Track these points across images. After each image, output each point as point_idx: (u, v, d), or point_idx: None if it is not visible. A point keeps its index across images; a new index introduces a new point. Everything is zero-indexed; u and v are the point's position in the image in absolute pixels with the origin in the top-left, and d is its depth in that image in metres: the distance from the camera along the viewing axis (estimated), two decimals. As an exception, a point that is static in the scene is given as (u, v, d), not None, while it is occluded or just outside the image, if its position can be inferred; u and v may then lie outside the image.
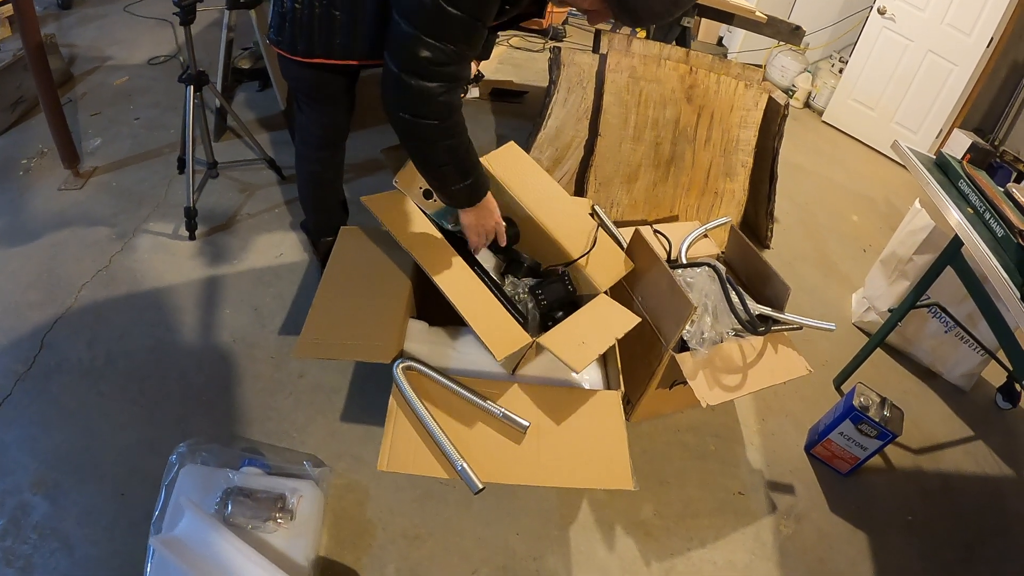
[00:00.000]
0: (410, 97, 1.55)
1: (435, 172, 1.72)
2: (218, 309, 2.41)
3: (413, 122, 1.59)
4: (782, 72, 5.37)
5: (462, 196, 1.79)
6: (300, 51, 1.84)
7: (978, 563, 2.20)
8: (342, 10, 1.75)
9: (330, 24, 1.77)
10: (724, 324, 2.02)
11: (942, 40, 4.39)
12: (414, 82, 1.52)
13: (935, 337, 2.81)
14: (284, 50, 1.87)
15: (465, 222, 1.87)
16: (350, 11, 1.75)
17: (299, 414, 2.12)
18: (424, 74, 1.52)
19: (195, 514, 1.56)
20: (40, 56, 2.61)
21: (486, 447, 1.59)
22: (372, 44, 1.81)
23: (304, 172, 2.29)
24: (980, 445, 2.63)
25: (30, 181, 2.83)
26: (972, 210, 2.11)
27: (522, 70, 4.52)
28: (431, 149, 1.66)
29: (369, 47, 1.82)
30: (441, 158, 1.67)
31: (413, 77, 1.52)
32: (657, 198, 2.92)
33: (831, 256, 3.50)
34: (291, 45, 1.84)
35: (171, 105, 3.40)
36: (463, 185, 1.74)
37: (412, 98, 1.55)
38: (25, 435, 1.94)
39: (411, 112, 1.58)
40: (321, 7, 1.75)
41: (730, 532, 2.09)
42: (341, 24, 1.77)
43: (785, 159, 3.33)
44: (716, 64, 2.92)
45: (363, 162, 3.23)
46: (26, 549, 1.69)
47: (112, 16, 4.32)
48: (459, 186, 1.74)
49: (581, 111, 2.79)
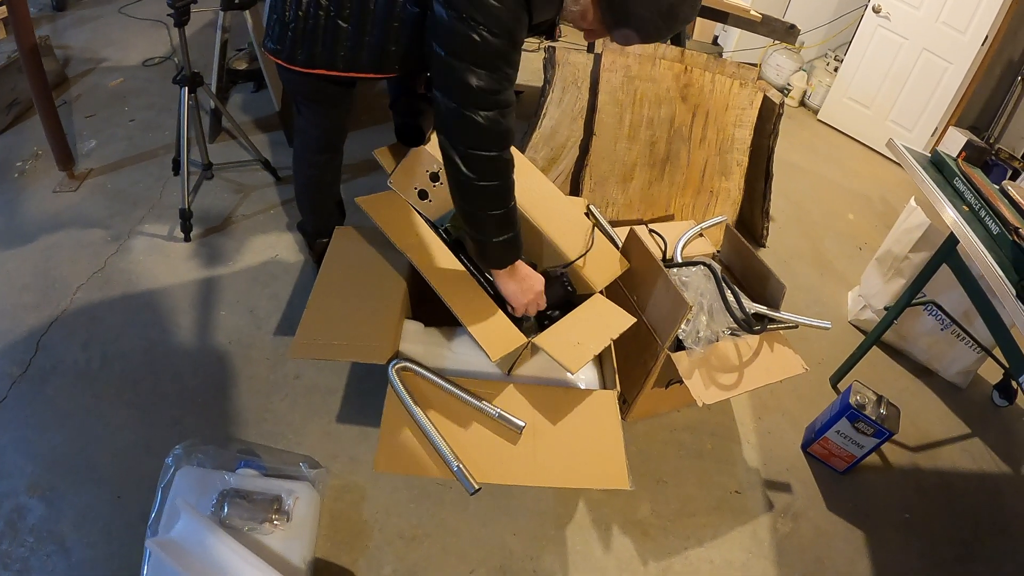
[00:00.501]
0: (468, 128, 1.53)
1: (483, 215, 1.64)
2: (213, 310, 2.40)
3: (471, 155, 1.56)
4: (777, 71, 5.37)
5: (499, 252, 1.70)
6: (300, 61, 1.80)
7: (976, 560, 2.20)
8: (350, 21, 1.71)
9: (335, 35, 1.73)
10: (720, 323, 2.02)
11: (937, 38, 4.39)
12: (469, 113, 1.50)
13: (931, 335, 2.81)
14: (282, 60, 1.83)
15: (508, 292, 1.79)
16: (358, 22, 1.71)
17: (295, 415, 2.12)
18: (482, 104, 1.50)
19: (191, 516, 1.56)
20: (35, 58, 2.61)
21: (482, 448, 1.59)
22: (377, 58, 1.78)
23: (303, 175, 2.29)
24: (977, 442, 2.63)
25: (25, 183, 2.83)
26: (967, 207, 2.12)
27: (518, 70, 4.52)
28: (485, 187, 1.60)
29: (374, 61, 1.78)
30: (493, 199, 1.62)
31: (472, 109, 1.50)
32: (652, 197, 2.92)
33: (827, 254, 3.50)
34: (290, 55, 1.80)
35: (166, 106, 3.40)
36: (505, 238, 1.67)
37: (470, 129, 1.53)
38: (21, 438, 1.94)
39: (472, 145, 1.55)
40: (328, 17, 1.71)
41: (727, 531, 2.09)
42: (347, 35, 1.73)
43: (780, 157, 3.33)
44: (711, 63, 2.92)
45: (359, 162, 3.23)
46: (23, 552, 1.69)
47: (107, 17, 4.31)
48: (502, 238, 1.67)
49: (576, 110, 2.79)
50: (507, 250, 1.70)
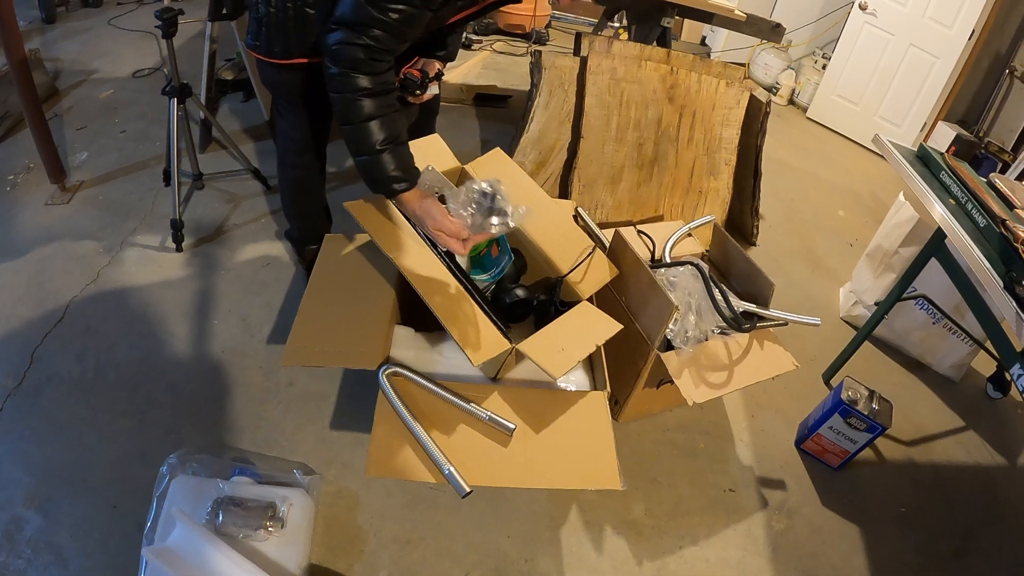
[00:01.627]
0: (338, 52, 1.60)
1: (348, 133, 1.67)
2: (206, 319, 2.41)
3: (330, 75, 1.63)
4: (765, 70, 5.40)
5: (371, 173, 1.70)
6: (277, 53, 1.86)
7: (972, 553, 2.21)
8: (316, 7, 1.77)
9: (304, 22, 1.79)
10: (708, 322, 2.03)
11: (924, 33, 4.42)
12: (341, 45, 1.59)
13: (923, 329, 2.82)
14: (261, 54, 1.89)
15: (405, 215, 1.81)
16: (323, 7, 1.76)
17: (288, 422, 2.12)
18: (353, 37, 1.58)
19: (186, 524, 1.57)
20: (24, 71, 2.61)
21: (473, 451, 1.59)
22: None
23: (286, 178, 2.30)
24: (971, 435, 2.64)
25: (17, 196, 2.83)
26: (954, 201, 2.13)
27: (505, 74, 4.52)
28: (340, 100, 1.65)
29: None
30: (346, 112, 1.65)
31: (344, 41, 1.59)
32: (641, 198, 2.94)
33: (817, 251, 3.52)
34: (268, 48, 1.86)
35: (156, 117, 3.41)
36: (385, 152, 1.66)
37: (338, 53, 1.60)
38: (17, 450, 1.94)
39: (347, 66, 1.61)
40: (295, 7, 1.77)
41: (722, 529, 2.10)
42: (315, 21, 1.79)
43: (770, 156, 3.35)
44: (697, 63, 2.94)
45: (347, 170, 3.24)
46: (20, 564, 1.70)
47: (96, 29, 4.32)
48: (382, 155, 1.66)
49: (563, 114, 2.80)
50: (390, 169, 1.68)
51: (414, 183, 1.71)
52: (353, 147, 1.68)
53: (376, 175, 1.68)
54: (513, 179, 2.13)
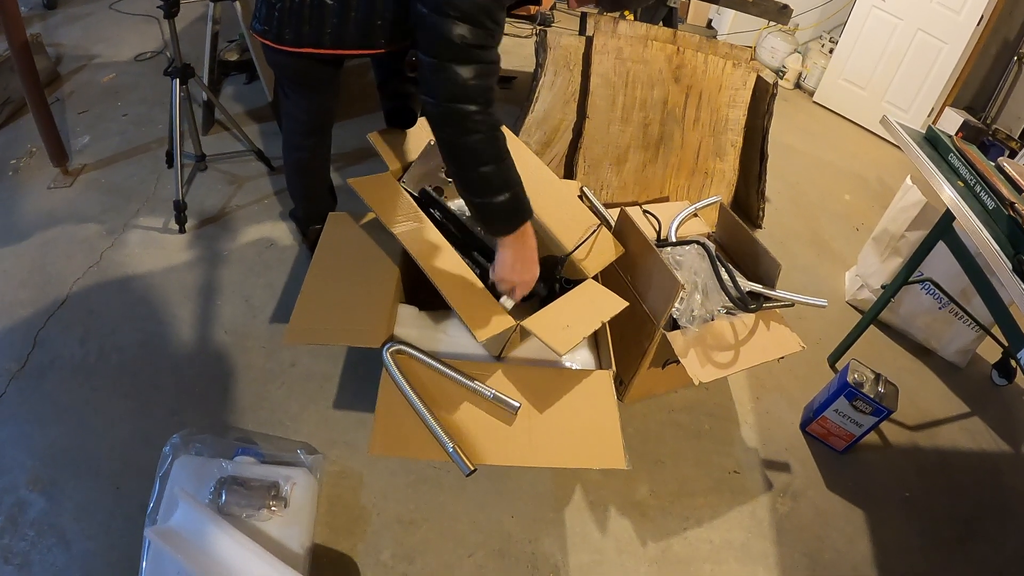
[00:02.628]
0: (448, 82, 1.50)
1: (474, 175, 1.59)
2: (209, 301, 2.40)
3: (451, 109, 1.52)
4: (772, 53, 5.35)
5: (502, 213, 1.65)
6: (287, 40, 1.81)
7: (976, 538, 2.20)
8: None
9: (321, 12, 1.74)
10: (714, 302, 2.02)
11: (932, 18, 4.37)
12: (451, 66, 1.48)
13: (929, 313, 2.81)
14: (269, 40, 1.84)
15: (502, 262, 1.72)
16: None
17: (292, 402, 2.12)
18: (461, 58, 1.48)
19: (190, 504, 1.56)
20: (26, 56, 2.60)
21: (477, 429, 1.59)
22: (364, 33, 1.78)
23: (291, 159, 2.29)
24: (976, 421, 2.63)
25: (19, 180, 2.82)
26: (963, 183, 2.11)
27: (510, 56, 4.48)
28: (469, 142, 1.56)
29: (360, 36, 1.78)
30: (481, 155, 1.57)
31: (449, 62, 1.48)
32: (647, 179, 2.92)
33: (823, 235, 3.50)
34: (277, 35, 1.81)
35: (159, 100, 3.39)
36: (504, 198, 1.61)
37: (449, 83, 1.50)
38: (20, 433, 1.94)
39: (451, 98, 1.51)
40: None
41: (726, 511, 2.09)
42: (332, 12, 1.73)
43: (776, 139, 3.33)
44: (704, 44, 2.91)
45: (352, 151, 3.22)
46: (24, 546, 1.70)
47: (98, 14, 4.29)
48: (501, 198, 1.61)
49: (568, 94, 2.78)
50: (509, 211, 1.64)
51: (528, 218, 1.69)
52: (486, 190, 1.62)
53: (491, 216, 1.65)
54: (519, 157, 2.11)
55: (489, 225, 1.70)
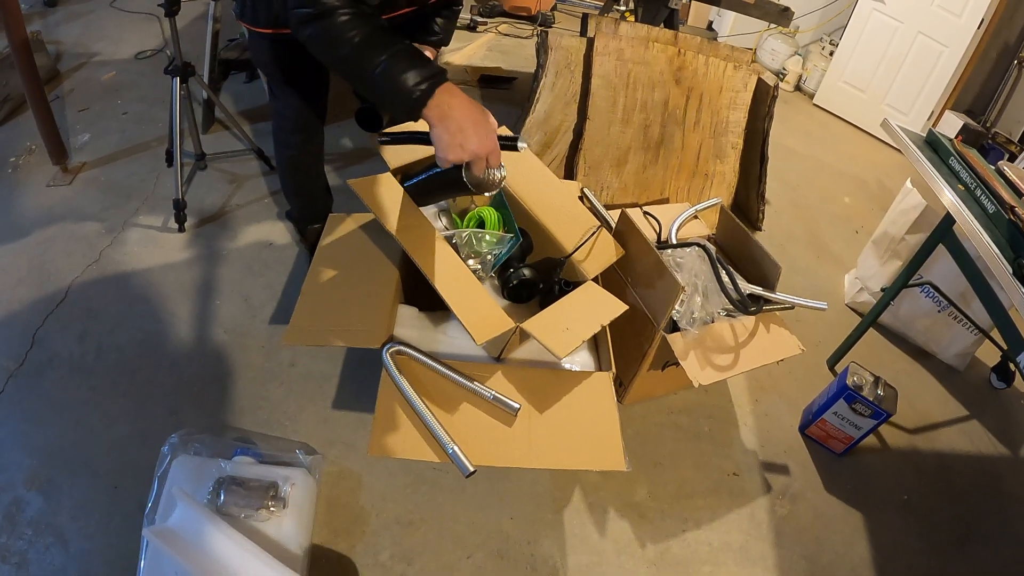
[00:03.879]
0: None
1: (340, 63, 1.44)
2: (208, 300, 2.40)
3: (294, 14, 1.42)
4: (772, 55, 5.36)
5: (390, 86, 1.40)
6: (262, 22, 1.83)
7: (974, 542, 2.20)
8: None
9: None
10: (715, 304, 2.02)
11: (932, 21, 4.38)
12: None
13: (928, 317, 2.81)
14: (248, 22, 1.86)
15: (437, 141, 1.44)
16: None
17: (291, 403, 2.12)
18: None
19: (188, 504, 1.56)
20: (26, 53, 2.60)
21: (477, 430, 1.58)
22: None
23: (282, 158, 2.29)
24: (975, 424, 2.64)
25: (18, 178, 2.82)
26: (963, 187, 2.11)
27: (511, 56, 4.51)
28: (314, 35, 1.42)
29: None
30: (333, 41, 1.41)
31: None
32: (647, 181, 2.92)
33: (823, 237, 3.50)
34: (253, 16, 1.83)
35: (159, 99, 3.38)
36: (380, 68, 1.39)
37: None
38: (18, 431, 1.94)
39: (293, 5, 1.42)
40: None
41: (725, 513, 2.09)
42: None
43: (776, 141, 3.33)
44: (704, 46, 2.91)
45: (352, 150, 3.23)
46: (21, 545, 1.69)
47: (98, 12, 4.29)
48: (377, 70, 1.39)
49: (569, 95, 2.78)
50: (395, 80, 1.39)
51: (444, 77, 1.44)
52: (355, 75, 1.46)
53: (392, 87, 1.40)
54: (519, 158, 2.11)
55: (393, 107, 1.46)
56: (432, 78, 1.40)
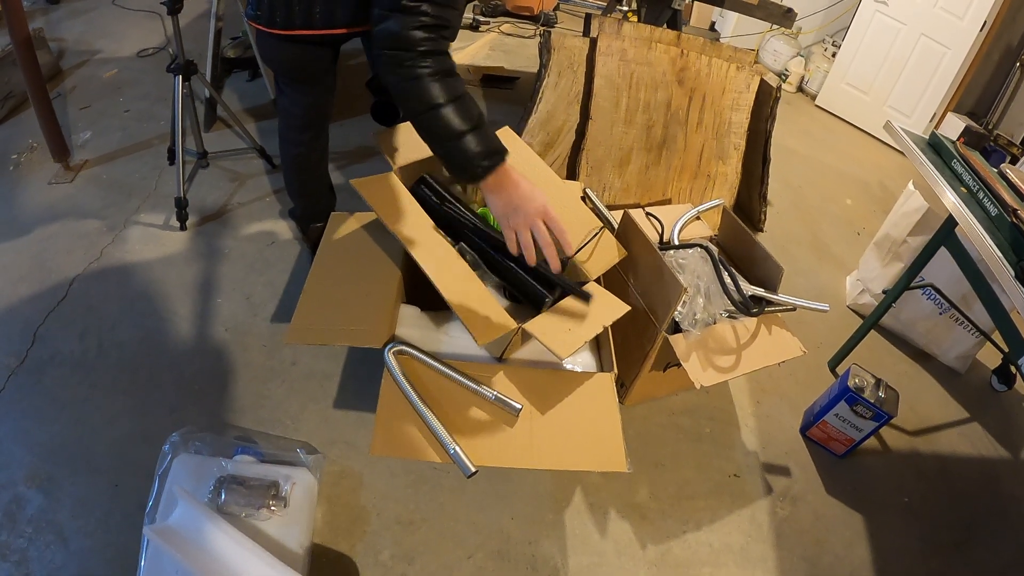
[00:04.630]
0: (387, 31, 1.50)
1: (427, 117, 1.55)
2: (210, 298, 2.40)
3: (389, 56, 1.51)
4: (775, 56, 5.36)
5: (469, 153, 1.55)
6: (279, 23, 1.81)
7: (975, 544, 2.20)
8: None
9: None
10: (717, 305, 2.01)
11: (935, 23, 4.37)
12: (393, 14, 1.49)
13: (930, 319, 2.81)
14: (262, 24, 1.84)
15: (494, 208, 1.64)
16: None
17: (292, 402, 2.11)
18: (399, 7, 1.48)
19: (188, 503, 1.56)
20: (28, 51, 2.60)
21: (479, 431, 1.58)
22: (355, 10, 1.77)
23: (288, 156, 2.28)
24: (976, 427, 2.63)
25: (20, 175, 2.82)
26: (965, 189, 2.11)
27: (513, 56, 4.51)
28: (413, 84, 1.51)
29: (351, 14, 1.78)
30: (427, 95, 1.52)
31: (390, 10, 1.49)
32: (649, 181, 2.91)
33: (825, 239, 3.50)
34: (269, 19, 1.81)
35: (161, 96, 3.39)
36: (467, 137, 1.54)
37: (389, 32, 1.49)
38: (19, 429, 1.94)
39: (388, 45, 1.51)
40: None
41: (726, 514, 2.09)
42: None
43: (778, 143, 3.32)
44: (707, 47, 2.91)
45: (355, 149, 3.23)
46: (21, 543, 1.69)
47: (101, 9, 4.29)
48: (464, 138, 1.54)
49: (572, 95, 2.77)
50: (476, 150, 1.55)
51: (504, 157, 1.59)
52: (430, 137, 1.60)
53: (460, 158, 1.56)
54: (522, 158, 2.11)
55: (463, 171, 1.60)
56: (500, 152, 1.58)
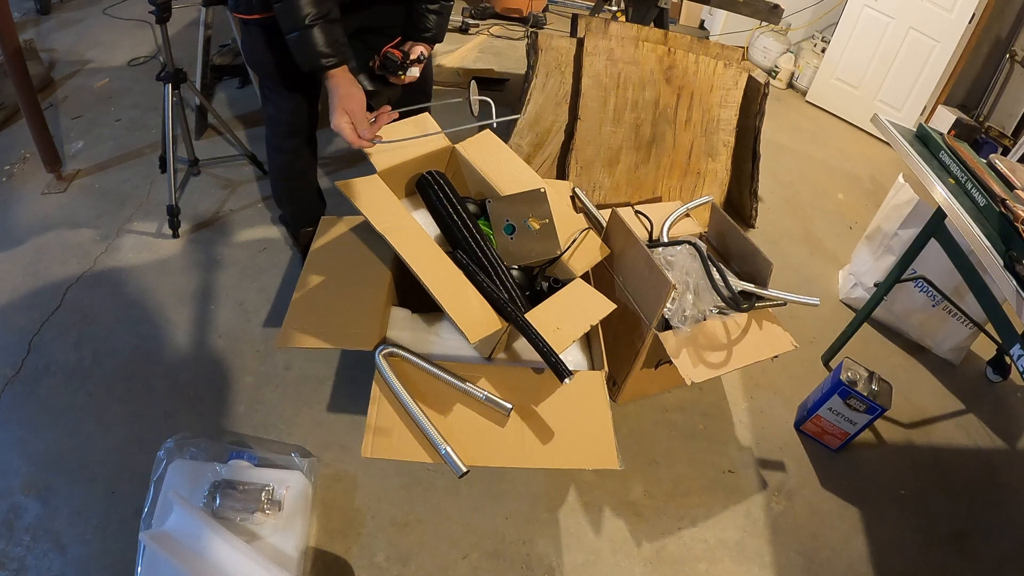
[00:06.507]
0: None
1: (282, 6, 1.68)
2: (203, 305, 2.41)
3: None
4: (764, 53, 5.36)
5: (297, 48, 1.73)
6: (257, 7, 1.84)
7: (971, 535, 2.21)
8: None
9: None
10: (706, 302, 2.02)
11: (923, 17, 4.38)
12: None
13: (923, 311, 2.81)
14: (241, 12, 1.87)
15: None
16: None
17: (286, 406, 2.12)
18: None
19: (184, 508, 1.57)
20: (19, 61, 2.61)
21: (470, 431, 1.59)
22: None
23: (275, 163, 2.29)
24: (971, 418, 2.64)
25: (13, 186, 2.82)
26: (953, 180, 2.11)
27: (502, 58, 4.52)
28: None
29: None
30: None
31: None
32: (639, 180, 2.92)
33: (817, 234, 3.50)
34: (248, 4, 1.84)
35: (152, 105, 3.40)
36: (295, 36, 1.70)
37: None
38: (15, 438, 1.95)
39: None
40: None
41: (721, 510, 2.10)
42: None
43: (769, 139, 3.33)
44: (694, 44, 2.92)
45: (344, 155, 3.24)
46: (19, 551, 1.70)
47: (91, 19, 4.30)
48: (292, 35, 1.70)
49: (560, 95, 2.78)
50: (304, 47, 1.71)
51: (343, 60, 1.75)
52: (284, 24, 1.70)
53: (306, 51, 1.71)
54: (504, 160, 2.12)
55: (301, 59, 1.75)
56: (338, 59, 1.74)
